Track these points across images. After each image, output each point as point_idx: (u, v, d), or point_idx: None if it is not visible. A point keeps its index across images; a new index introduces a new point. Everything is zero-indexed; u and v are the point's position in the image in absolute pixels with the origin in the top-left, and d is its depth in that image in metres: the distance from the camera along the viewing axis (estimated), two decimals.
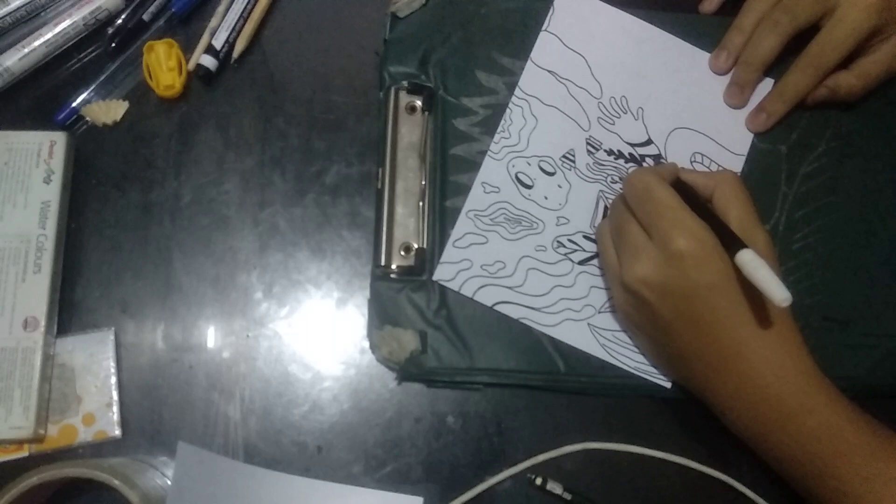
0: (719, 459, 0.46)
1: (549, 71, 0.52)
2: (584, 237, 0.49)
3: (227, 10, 0.51)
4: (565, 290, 0.48)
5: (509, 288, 0.47)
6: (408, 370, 0.46)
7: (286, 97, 0.51)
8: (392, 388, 0.46)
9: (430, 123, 0.50)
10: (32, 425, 0.43)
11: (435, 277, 0.47)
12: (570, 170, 0.50)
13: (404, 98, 0.51)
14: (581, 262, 0.48)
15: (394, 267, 0.47)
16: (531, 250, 0.48)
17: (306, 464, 0.45)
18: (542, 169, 0.50)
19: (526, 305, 0.47)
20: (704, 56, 0.53)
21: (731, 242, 0.40)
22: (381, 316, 0.47)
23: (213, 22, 0.51)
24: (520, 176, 0.49)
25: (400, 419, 0.46)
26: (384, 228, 0.48)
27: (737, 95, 0.52)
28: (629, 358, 0.47)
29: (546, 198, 0.49)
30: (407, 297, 0.47)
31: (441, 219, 0.48)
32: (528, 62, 0.52)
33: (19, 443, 0.44)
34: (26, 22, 0.50)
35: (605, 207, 0.50)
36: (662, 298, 0.41)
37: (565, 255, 0.48)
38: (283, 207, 0.49)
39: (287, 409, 0.46)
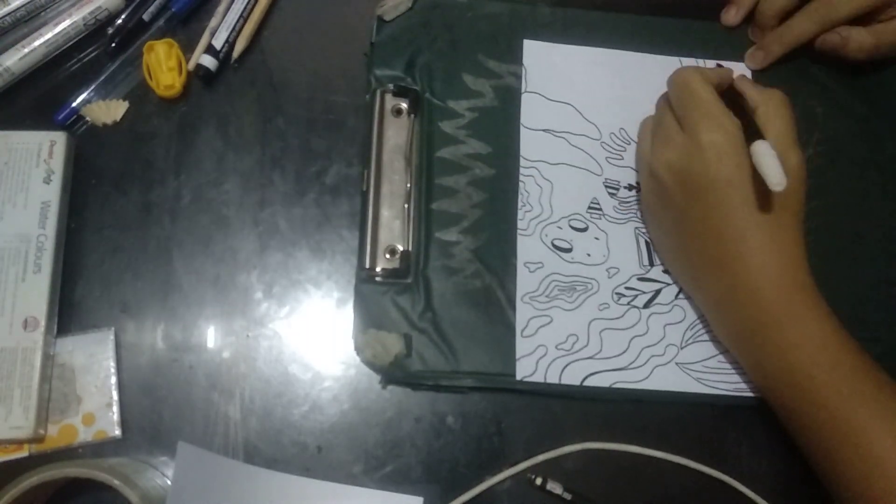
0: (719, 459, 0.46)
1: (543, 130, 0.51)
2: (639, 279, 0.48)
3: (227, 10, 0.51)
4: (642, 338, 0.47)
5: (590, 358, 0.47)
6: (392, 373, 0.46)
7: (286, 97, 0.51)
8: (392, 388, 0.46)
9: (416, 126, 0.50)
10: (32, 425, 0.43)
11: (518, 376, 0.46)
12: (599, 219, 0.50)
13: (390, 101, 0.51)
14: (646, 305, 0.48)
15: (378, 269, 0.47)
16: (596, 312, 0.48)
17: (306, 464, 0.45)
18: (573, 228, 0.49)
19: (613, 369, 0.46)
20: (682, 62, 0.53)
21: (753, 140, 0.40)
22: (366, 319, 0.46)
23: (213, 22, 0.51)
24: (556, 243, 0.49)
25: (400, 419, 0.46)
26: (369, 231, 0.48)
27: (760, 60, 0.52)
28: (725, 381, 0.47)
29: (588, 255, 0.49)
30: (392, 299, 0.47)
31: (427, 221, 0.48)
32: (521, 128, 0.51)
33: (19, 443, 0.44)
34: (26, 22, 0.50)
35: (647, 243, 0.49)
36: (682, 185, 0.43)
37: (629, 303, 0.48)
38: (283, 207, 0.49)
39: (287, 409, 0.46)
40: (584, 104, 0.52)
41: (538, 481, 0.44)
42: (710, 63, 0.53)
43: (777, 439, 0.45)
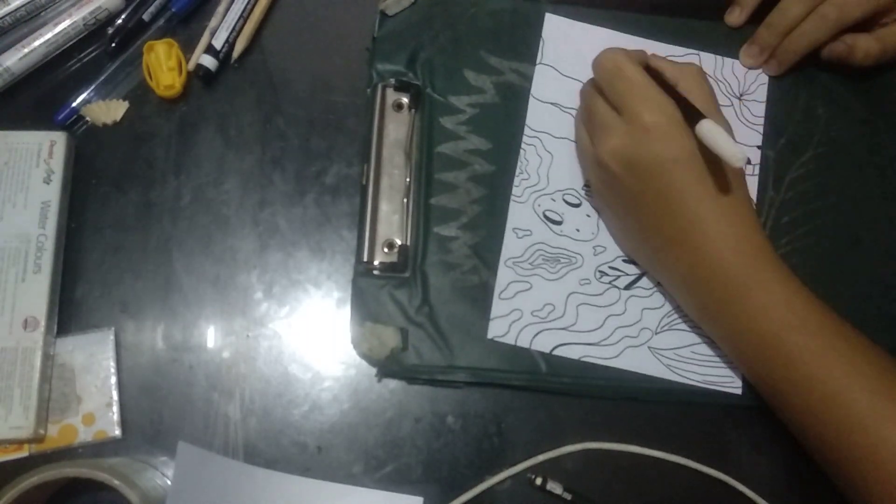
0: (719, 459, 0.46)
1: (552, 103, 0.51)
2: (624, 261, 0.49)
3: (227, 10, 0.51)
4: (618, 318, 0.47)
5: (564, 329, 0.47)
6: (388, 367, 0.46)
7: (286, 97, 0.51)
8: (392, 388, 0.46)
9: (416, 121, 0.50)
10: (32, 425, 0.43)
11: (489, 335, 0.46)
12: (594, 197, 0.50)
13: (391, 95, 0.51)
14: (627, 287, 0.48)
15: (376, 263, 0.47)
16: (576, 286, 0.48)
17: (306, 464, 0.45)
18: (567, 202, 0.49)
19: (584, 343, 0.47)
20: (698, 56, 0.53)
21: (693, 118, 0.41)
22: (363, 312, 0.47)
23: (213, 22, 0.51)
24: (548, 214, 0.49)
25: (400, 419, 0.46)
26: (367, 224, 0.48)
27: (755, 55, 0.52)
28: (695, 372, 0.47)
29: (578, 230, 0.49)
30: (389, 293, 0.47)
31: (425, 216, 0.48)
32: (531, 98, 0.51)
33: (19, 443, 0.44)
34: (26, 22, 0.50)
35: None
36: (630, 171, 0.43)
37: (610, 283, 0.48)
38: (283, 207, 0.49)
39: (287, 409, 0.46)
40: None
41: (538, 481, 0.44)
42: (730, 62, 0.53)
43: (777, 439, 0.45)
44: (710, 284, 0.42)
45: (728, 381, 0.46)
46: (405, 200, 0.49)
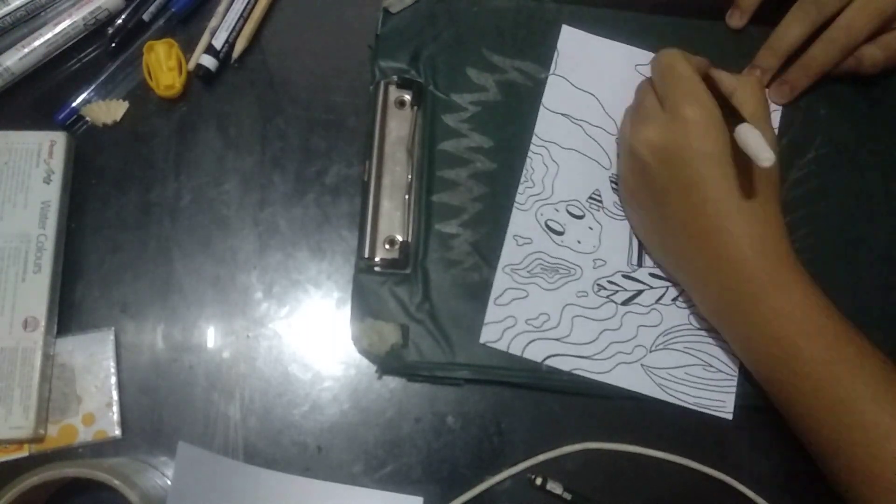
0: (719, 459, 0.46)
1: (562, 114, 0.51)
2: (623, 276, 0.48)
3: (227, 10, 0.51)
4: (613, 333, 0.47)
5: (557, 340, 0.47)
6: (388, 363, 0.46)
7: (286, 97, 0.51)
8: (392, 388, 0.46)
9: (418, 118, 0.50)
10: (32, 425, 0.43)
11: (482, 340, 0.46)
12: (598, 210, 0.50)
13: (394, 92, 0.51)
14: (625, 303, 0.48)
15: (377, 259, 0.48)
16: (573, 297, 0.48)
17: (306, 464, 0.45)
18: (570, 213, 0.49)
19: (576, 355, 0.47)
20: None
21: (736, 121, 0.41)
22: (363, 308, 0.47)
23: (213, 22, 0.51)
24: (550, 223, 0.49)
25: (400, 419, 0.46)
26: (369, 221, 0.48)
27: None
28: (686, 393, 0.46)
29: (579, 242, 0.49)
30: (390, 290, 0.47)
31: (427, 213, 0.49)
32: (541, 108, 0.51)
33: (19, 443, 0.44)
34: (26, 22, 0.50)
35: (640, 243, 0.49)
36: (662, 162, 0.43)
37: (608, 297, 0.48)
38: (283, 207, 0.49)
39: (287, 409, 0.46)
40: (607, 98, 0.52)
41: (538, 481, 0.44)
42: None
43: (778, 439, 0.45)
44: (729, 282, 0.42)
45: (719, 406, 0.46)
46: (407, 197, 0.49)
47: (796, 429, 0.43)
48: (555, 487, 0.44)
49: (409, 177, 0.49)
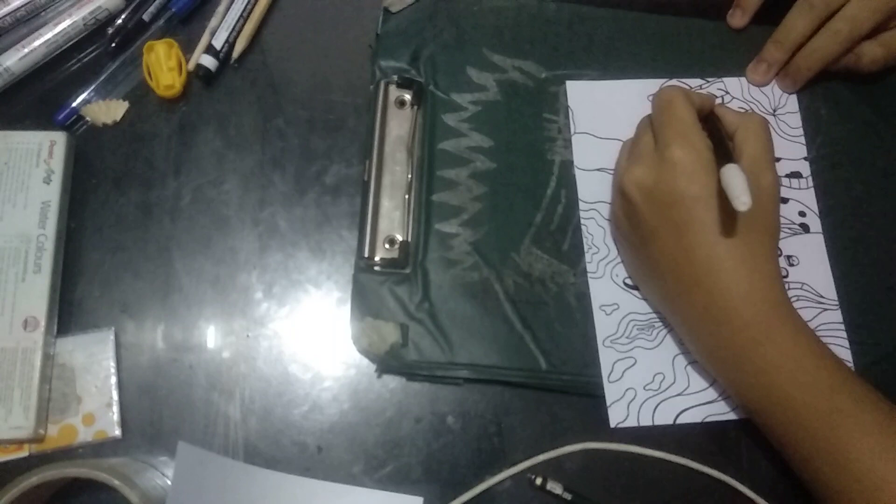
0: (719, 459, 0.46)
1: (597, 170, 0.50)
2: None
3: (227, 10, 0.51)
4: None
5: (679, 395, 0.46)
6: (388, 363, 0.46)
7: (286, 97, 0.51)
8: (392, 388, 0.46)
9: (419, 118, 0.50)
10: (32, 425, 0.43)
11: (613, 424, 0.45)
12: None
13: (394, 92, 0.51)
14: None
15: (377, 259, 0.48)
16: (678, 347, 0.47)
17: (306, 464, 0.45)
18: None
19: (703, 403, 0.46)
20: (721, 83, 0.53)
21: (725, 161, 0.41)
22: (363, 308, 0.47)
23: (213, 22, 0.51)
24: (628, 282, 0.48)
25: (400, 419, 0.46)
26: (369, 220, 0.48)
27: (761, 73, 0.52)
28: None
29: None
30: (389, 289, 0.47)
31: (427, 213, 0.49)
32: (576, 170, 0.50)
33: (19, 443, 0.44)
34: (26, 22, 0.50)
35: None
36: (650, 203, 0.43)
37: None
38: (283, 207, 0.49)
39: (287, 409, 0.46)
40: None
41: (538, 481, 0.44)
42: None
43: None
44: (721, 332, 0.42)
45: None
46: (406, 197, 0.49)
47: (795, 470, 0.42)
48: (555, 487, 0.44)
49: (409, 176, 0.49)
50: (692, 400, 0.46)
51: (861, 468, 0.38)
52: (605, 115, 0.52)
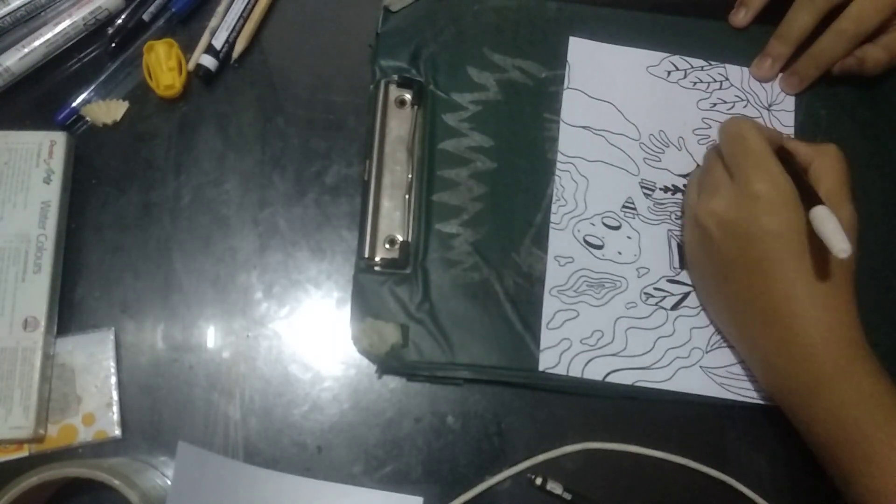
0: (719, 459, 0.46)
1: (583, 127, 0.51)
2: (668, 281, 0.48)
3: (227, 10, 0.51)
4: (668, 339, 0.47)
5: (614, 355, 0.47)
6: (388, 363, 0.46)
7: (286, 97, 0.51)
8: (392, 388, 0.46)
9: (419, 118, 0.50)
10: (32, 425, 0.43)
11: (541, 367, 0.46)
12: (633, 218, 0.50)
13: (394, 91, 0.51)
14: (674, 307, 0.48)
15: (378, 259, 0.47)
16: (623, 310, 0.48)
17: (306, 464, 0.45)
18: (606, 225, 0.49)
19: (636, 367, 0.46)
20: (723, 69, 0.53)
21: (811, 201, 0.40)
22: (363, 308, 0.47)
23: (213, 22, 0.51)
24: (588, 239, 0.49)
25: (400, 419, 0.46)
26: (369, 220, 0.48)
27: (766, 68, 0.52)
28: (748, 388, 0.46)
29: (620, 253, 0.49)
30: (390, 290, 0.47)
31: (427, 213, 0.49)
32: (561, 123, 0.51)
33: (19, 443, 0.44)
34: (26, 22, 0.50)
35: (679, 246, 0.49)
36: (729, 237, 0.42)
37: (656, 304, 0.48)
38: (283, 207, 0.49)
39: (287, 409, 0.46)
40: (625, 104, 0.52)
41: (538, 481, 0.44)
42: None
43: (777, 439, 0.45)
44: (797, 367, 0.41)
45: None
46: (407, 197, 0.49)
47: (851, 500, 0.42)
48: (555, 487, 0.44)
49: (410, 176, 0.49)
50: (626, 362, 0.47)
51: None
52: (601, 77, 0.52)
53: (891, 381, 0.41)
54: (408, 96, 0.51)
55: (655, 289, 0.48)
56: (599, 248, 0.49)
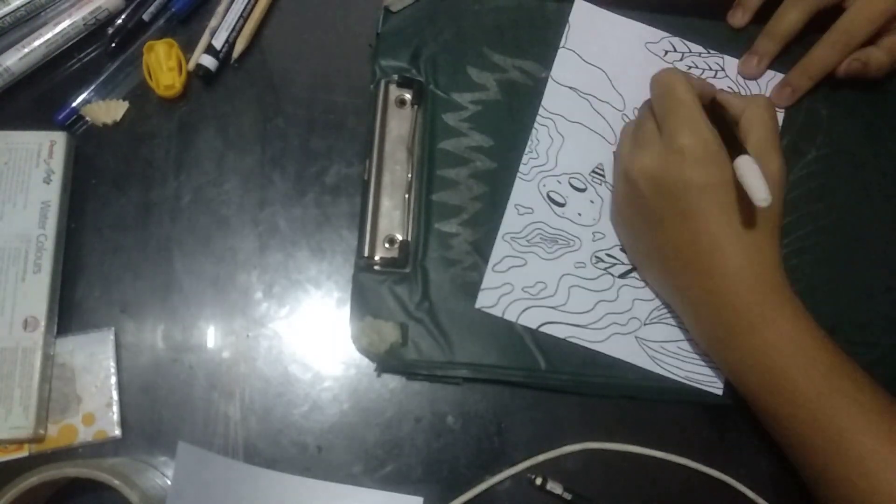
0: (719, 459, 0.46)
1: (570, 87, 0.52)
2: (622, 250, 0.49)
3: (227, 10, 0.51)
4: (609, 304, 0.48)
5: (553, 308, 0.47)
6: (387, 362, 0.46)
7: (286, 97, 0.51)
8: (392, 388, 0.46)
9: (419, 117, 0.50)
10: (32, 425, 0.43)
11: (477, 305, 0.47)
12: (600, 184, 0.50)
13: (394, 91, 0.51)
14: (622, 276, 0.48)
15: (377, 258, 0.48)
16: (571, 268, 0.48)
17: (306, 464, 0.45)
18: (572, 186, 0.50)
19: (572, 324, 0.47)
20: (721, 59, 0.53)
21: (736, 151, 0.41)
22: (363, 307, 0.47)
23: (213, 22, 0.51)
24: (552, 195, 0.49)
25: (400, 419, 0.46)
26: (369, 219, 0.48)
27: (752, 66, 0.52)
28: (678, 367, 0.47)
29: (580, 214, 0.49)
30: (389, 289, 0.47)
31: (427, 212, 0.49)
32: (549, 80, 0.52)
33: (19, 443, 0.44)
34: (26, 22, 0.50)
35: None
36: (657, 191, 0.43)
37: (605, 269, 0.48)
38: (283, 207, 0.49)
39: (287, 409, 0.46)
40: (615, 73, 0.52)
41: (538, 481, 0.44)
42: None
43: None
44: (722, 314, 0.42)
45: (710, 381, 0.47)
46: (406, 196, 0.49)
47: (792, 457, 0.42)
48: (555, 487, 0.44)
49: (409, 176, 0.49)
50: (563, 317, 0.47)
51: (861, 450, 0.38)
52: (597, 43, 0.53)
53: (814, 324, 0.42)
54: (408, 96, 0.51)
55: (607, 255, 0.49)
56: (561, 205, 0.49)
